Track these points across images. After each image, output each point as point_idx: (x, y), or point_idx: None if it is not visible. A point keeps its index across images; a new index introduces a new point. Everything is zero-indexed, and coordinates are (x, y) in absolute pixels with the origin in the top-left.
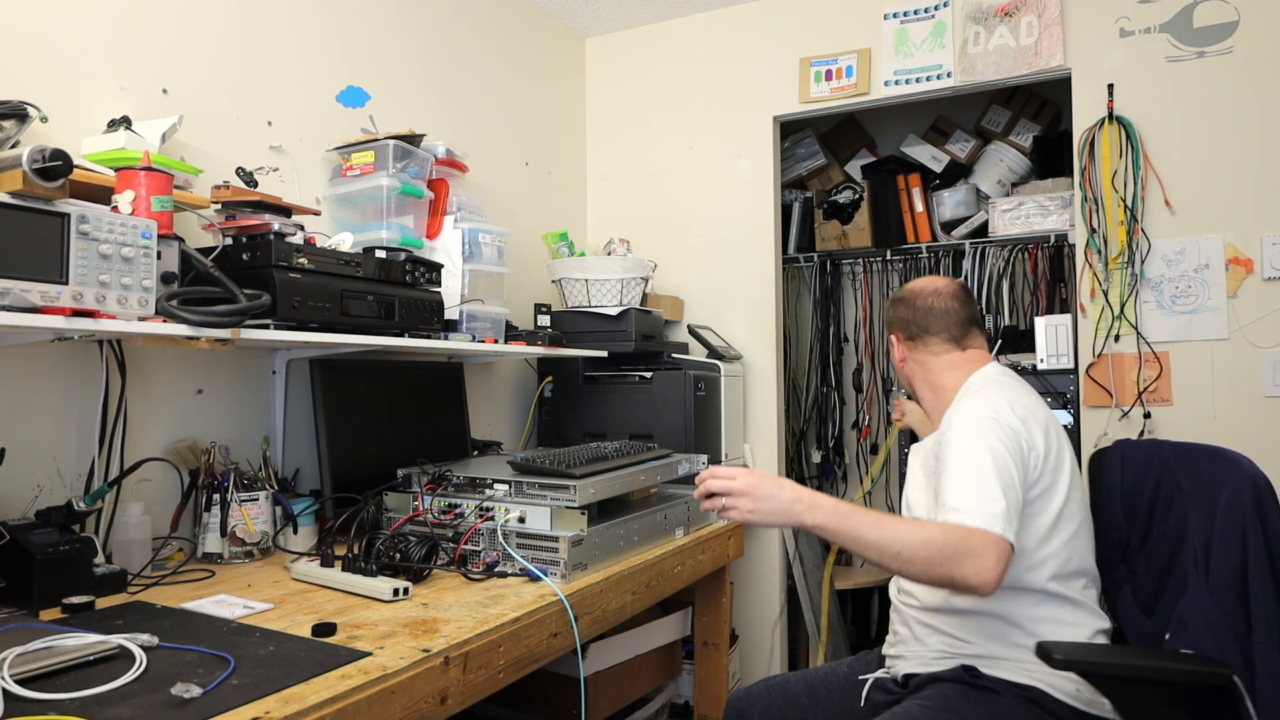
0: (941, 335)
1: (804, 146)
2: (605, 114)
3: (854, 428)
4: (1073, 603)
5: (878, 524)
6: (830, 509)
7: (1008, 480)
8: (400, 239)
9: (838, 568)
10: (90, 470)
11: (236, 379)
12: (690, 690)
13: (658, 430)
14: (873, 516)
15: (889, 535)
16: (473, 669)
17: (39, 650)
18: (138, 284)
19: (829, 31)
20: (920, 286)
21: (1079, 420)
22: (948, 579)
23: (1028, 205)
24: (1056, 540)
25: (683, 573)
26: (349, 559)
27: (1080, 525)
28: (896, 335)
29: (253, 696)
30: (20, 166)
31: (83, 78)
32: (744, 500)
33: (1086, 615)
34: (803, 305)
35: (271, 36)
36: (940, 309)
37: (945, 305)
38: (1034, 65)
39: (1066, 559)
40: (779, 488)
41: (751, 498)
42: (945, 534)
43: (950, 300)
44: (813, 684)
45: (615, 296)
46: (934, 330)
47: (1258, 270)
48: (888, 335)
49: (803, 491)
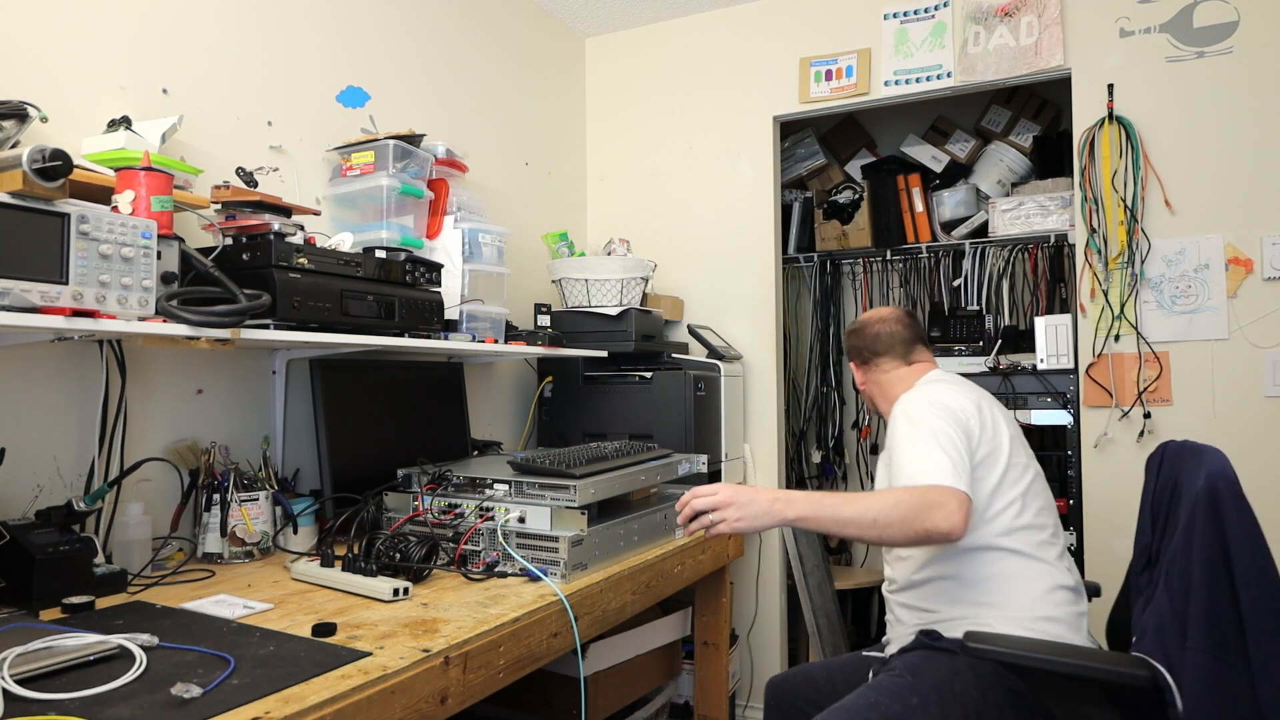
0: (889, 355)
1: (804, 146)
2: (605, 114)
3: (854, 428)
4: (1024, 556)
5: (850, 501)
6: (805, 500)
7: (950, 445)
8: (400, 239)
9: (838, 568)
10: (90, 470)
11: (236, 379)
12: (690, 690)
13: (658, 430)
14: (844, 496)
15: (862, 507)
16: (473, 669)
17: (39, 650)
18: (138, 284)
19: (829, 31)
20: (868, 317)
21: (1079, 420)
22: (922, 532)
23: (1028, 205)
24: (1004, 497)
25: (683, 573)
26: (349, 559)
27: (1031, 485)
28: (854, 363)
29: (253, 696)
30: (20, 166)
31: (83, 78)
32: (730, 510)
33: (1041, 569)
34: (803, 305)
35: (271, 36)
36: (886, 333)
37: (890, 329)
38: (1034, 65)
39: (1017, 513)
40: (757, 493)
41: (736, 506)
42: (910, 494)
43: (895, 325)
44: (831, 669)
45: (615, 296)
46: (882, 352)
47: (1258, 270)
48: (849, 364)
49: (778, 492)
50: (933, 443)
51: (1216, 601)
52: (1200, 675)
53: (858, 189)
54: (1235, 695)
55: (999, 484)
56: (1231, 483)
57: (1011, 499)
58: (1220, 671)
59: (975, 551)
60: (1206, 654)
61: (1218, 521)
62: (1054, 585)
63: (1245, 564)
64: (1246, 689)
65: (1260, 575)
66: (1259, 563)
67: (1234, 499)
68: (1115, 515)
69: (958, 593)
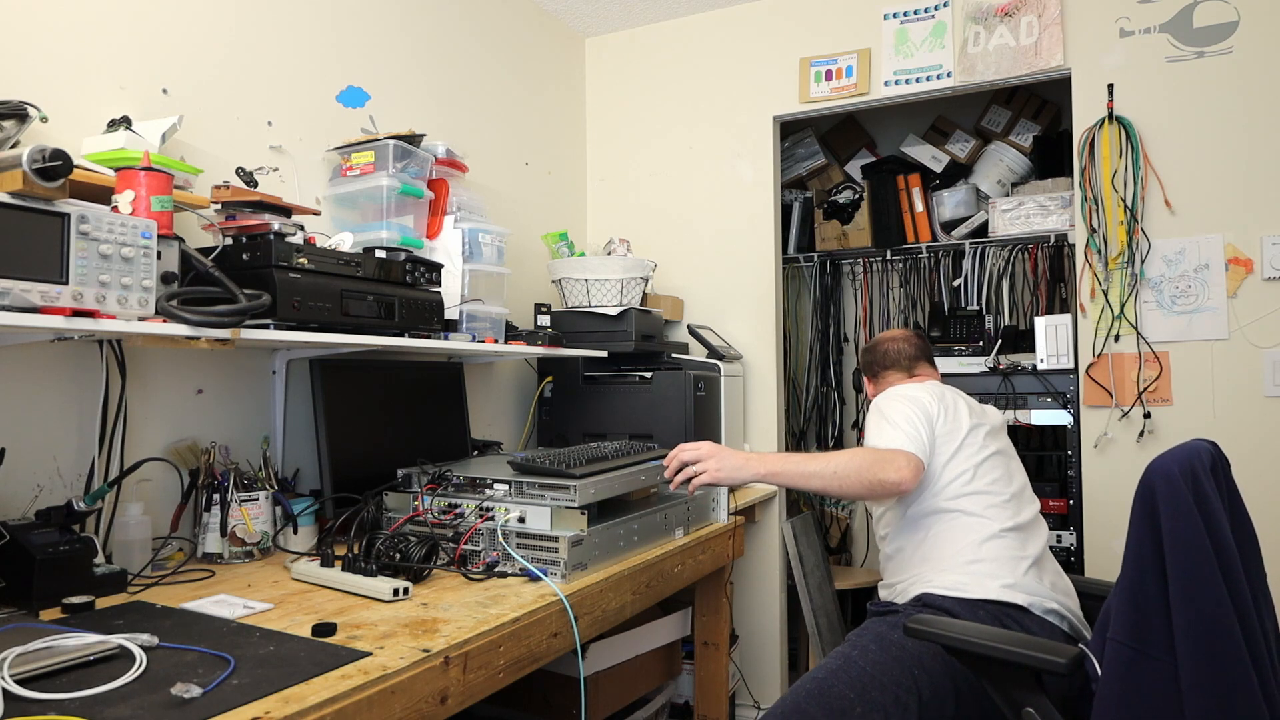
0: (894, 369)
1: (804, 146)
2: (605, 114)
3: (854, 428)
4: (968, 514)
5: (813, 458)
6: (775, 457)
7: (907, 422)
8: (400, 239)
9: (838, 568)
10: (90, 470)
11: (236, 379)
12: (690, 690)
13: (658, 430)
14: (809, 455)
15: (823, 461)
16: (473, 669)
17: (39, 650)
18: (138, 284)
19: (829, 31)
20: (881, 337)
21: (1079, 420)
22: (875, 481)
23: (1028, 205)
24: (956, 468)
25: (683, 573)
26: (349, 559)
27: (988, 459)
28: (867, 377)
29: (253, 696)
30: (20, 166)
31: (83, 78)
32: (711, 462)
33: (981, 523)
34: (803, 305)
35: (272, 36)
36: (894, 350)
37: (898, 347)
38: (1034, 65)
39: (968, 481)
40: (733, 451)
41: (716, 459)
42: (868, 451)
43: (903, 343)
44: None
45: (615, 296)
46: (889, 366)
47: (1258, 270)
48: (863, 379)
49: (751, 452)
50: (894, 422)
51: (1146, 595)
52: (1117, 665)
53: (858, 189)
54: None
55: (952, 456)
56: (1170, 476)
57: (963, 469)
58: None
59: (925, 518)
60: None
61: (1152, 517)
62: (990, 534)
63: (1177, 557)
64: (1170, 685)
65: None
66: (1194, 557)
67: (1171, 493)
68: (1115, 515)
69: (909, 558)
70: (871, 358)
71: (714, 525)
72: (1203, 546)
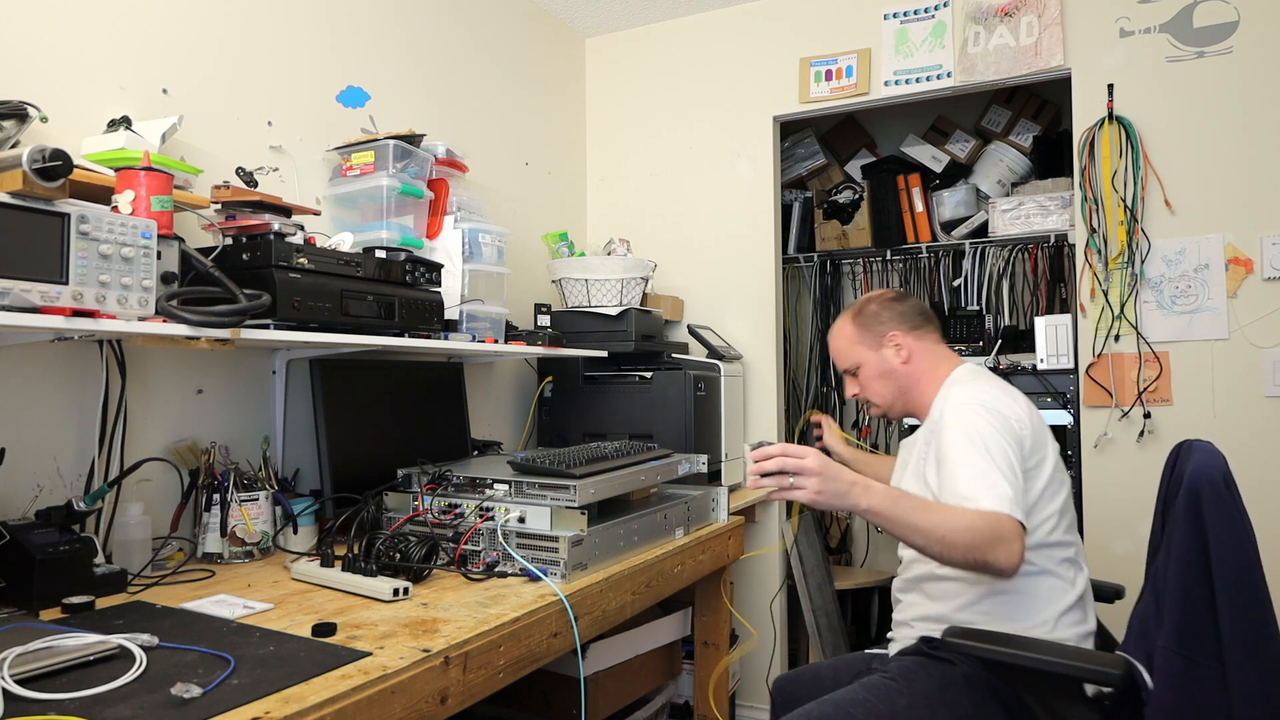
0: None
1: (804, 146)
2: (605, 114)
3: (854, 427)
4: (1047, 574)
5: (925, 510)
6: (884, 493)
7: (1006, 464)
8: (400, 239)
9: (838, 568)
10: (90, 470)
11: (236, 379)
12: (690, 690)
13: (658, 430)
14: (919, 502)
15: (936, 520)
16: (473, 669)
17: (39, 650)
18: (138, 284)
19: (829, 31)
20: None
21: (1079, 420)
22: (981, 562)
23: (1028, 205)
24: (1043, 511)
25: (683, 573)
26: (349, 559)
27: (1067, 500)
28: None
29: (253, 696)
30: (20, 166)
31: (83, 78)
32: (813, 480)
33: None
34: (803, 305)
35: (271, 36)
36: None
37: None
38: (1034, 65)
39: (1051, 529)
40: (842, 471)
41: (821, 478)
42: (983, 521)
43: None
44: (838, 668)
45: (615, 296)
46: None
47: (1258, 270)
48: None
49: (858, 476)
50: (988, 459)
51: (1192, 602)
52: (1169, 674)
53: (858, 189)
54: (1207, 698)
55: (1039, 497)
56: (1215, 482)
57: (1049, 514)
58: (1191, 672)
59: None
60: (1177, 654)
61: (1197, 520)
62: (1068, 605)
63: (1225, 565)
64: (1219, 693)
65: (1240, 578)
66: (1240, 564)
67: (1216, 498)
68: (1115, 515)
69: (970, 598)
70: (905, 306)
71: (714, 525)
72: (1248, 553)
